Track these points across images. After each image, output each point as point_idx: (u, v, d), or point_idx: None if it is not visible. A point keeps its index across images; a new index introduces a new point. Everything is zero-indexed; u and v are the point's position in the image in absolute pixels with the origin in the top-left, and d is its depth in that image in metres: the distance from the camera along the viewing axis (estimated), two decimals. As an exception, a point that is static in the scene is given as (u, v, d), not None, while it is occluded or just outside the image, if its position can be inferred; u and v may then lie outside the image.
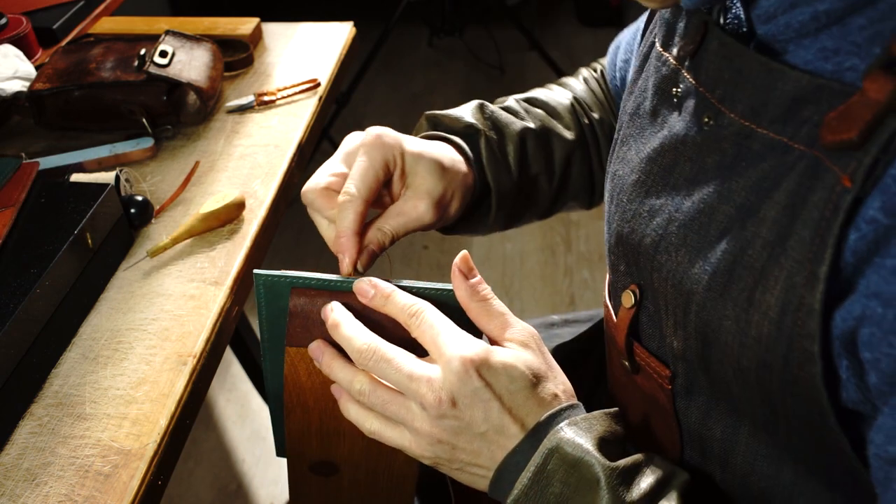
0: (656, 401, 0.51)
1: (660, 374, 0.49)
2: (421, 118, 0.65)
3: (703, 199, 0.43)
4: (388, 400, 0.46)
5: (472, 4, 2.56)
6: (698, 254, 0.43)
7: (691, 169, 0.44)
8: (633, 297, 0.50)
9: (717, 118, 0.42)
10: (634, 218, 0.49)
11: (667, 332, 0.47)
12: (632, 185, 0.49)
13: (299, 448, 0.57)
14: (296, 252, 2.00)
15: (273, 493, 1.43)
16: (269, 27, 1.09)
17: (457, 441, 0.45)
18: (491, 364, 0.44)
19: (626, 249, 0.50)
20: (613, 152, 0.55)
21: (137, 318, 0.64)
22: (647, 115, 0.50)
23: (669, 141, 0.46)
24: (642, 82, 0.52)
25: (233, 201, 0.73)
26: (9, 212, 0.64)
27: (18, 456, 0.54)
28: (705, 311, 0.42)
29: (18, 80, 0.87)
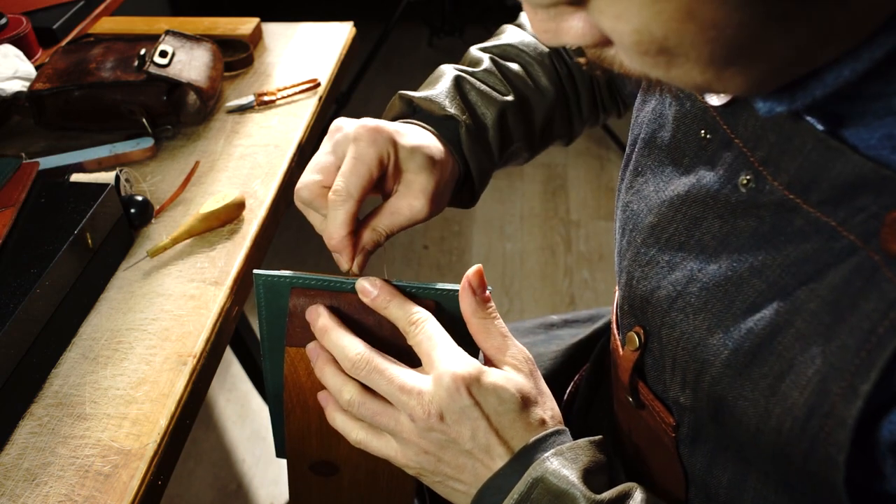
0: (660, 439, 0.49)
1: (664, 420, 0.47)
2: (394, 97, 0.61)
3: (731, 267, 0.40)
4: (378, 412, 0.46)
5: (472, 4, 2.56)
6: (719, 324, 0.40)
7: (721, 229, 0.41)
8: (638, 340, 0.48)
9: (757, 182, 0.39)
10: (649, 264, 0.46)
11: (672, 387, 0.45)
12: (649, 227, 0.46)
13: (299, 448, 0.57)
14: (296, 252, 2.00)
15: (273, 493, 1.43)
16: (269, 27, 1.09)
17: (442, 454, 0.45)
18: (482, 384, 0.44)
19: (633, 293, 0.48)
20: (625, 173, 0.52)
21: (137, 318, 0.64)
22: (665, 149, 0.46)
23: (698, 192, 0.43)
24: (657, 105, 0.48)
25: (233, 201, 0.73)
26: (9, 212, 0.64)
27: (18, 456, 0.54)
28: (720, 385, 0.40)
29: (18, 80, 0.87)
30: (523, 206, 2.11)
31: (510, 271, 1.90)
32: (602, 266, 1.88)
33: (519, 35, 0.66)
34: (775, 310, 0.37)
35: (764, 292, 0.38)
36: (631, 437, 0.55)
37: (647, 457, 0.53)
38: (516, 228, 2.04)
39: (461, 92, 0.60)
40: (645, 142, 0.49)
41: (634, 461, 0.55)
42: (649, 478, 0.54)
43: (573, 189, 2.15)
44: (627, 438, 0.56)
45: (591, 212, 2.07)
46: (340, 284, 0.50)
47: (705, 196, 0.42)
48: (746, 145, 0.40)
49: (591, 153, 2.27)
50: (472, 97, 0.61)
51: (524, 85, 0.63)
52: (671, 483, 0.50)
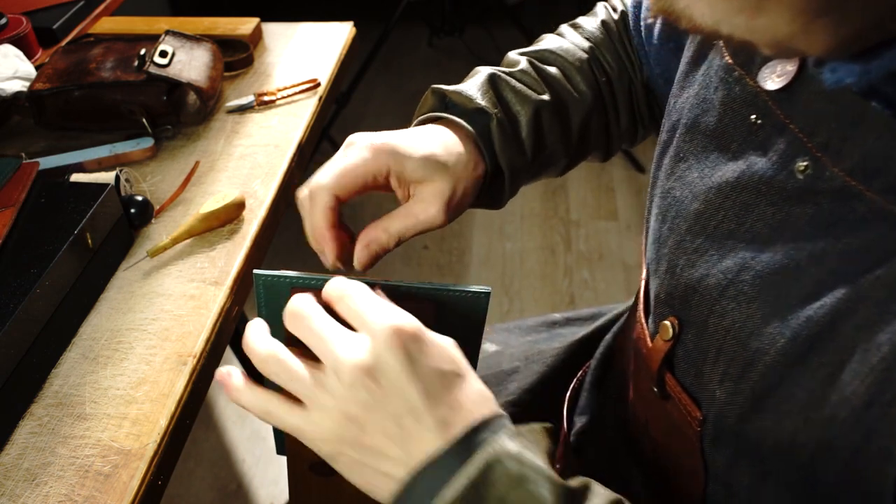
0: (683, 432, 0.48)
1: (690, 413, 0.46)
2: (427, 92, 0.60)
3: (788, 255, 0.39)
4: (296, 369, 0.41)
5: (472, 4, 2.56)
6: (775, 313, 0.39)
7: (774, 216, 0.40)
8: (672, 331, 0.46)
9: (815, 167, 0.38)
10: (696, 252, 0.44)
11: (709, 379, 0.44)
12: (694, 214, 0.45)
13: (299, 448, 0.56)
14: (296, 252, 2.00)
15: (273, 493, 1.43)
16: (269, 27, 1.09)
17: (367, 419, 0.39)
18: (423, 340, 0.39)
19: (676, 280, 0.46)
20: (662, 160, 0.50)
21: (137, 318, 0.64)
22: (711, 134, 0.45)
23: (749, 179, 0.41)
24: (701, 90, 0.47)
25: (233, 201, 0.73)
26: (9, 212, 0.64)
27: (18, 456, 0.54)
28: (774, 375, 0.39)
29: (18, 80, 0.87)
30: (523, 206, 2.11)
31: (510, 271, 1.90)
32: (602, 266, 1.88)
33: (557, 41, 0.66)
34: (837, 298, 0.36)
35: (823, 280, 0.37)
36: (648, 430, 0.54)
37: (666, 449, 0.52)
38: (516, 228, 2.03)
39: (495, 87, 0.59)
40: (687, 127, 0.48)
41: (652, 454, 0.55)
42: (668, 471, 0.53)
43: (573, 189, 2.15)
44: (644, 431, 0.55)
45: (591, 212, 2.07)
46: (340, 284, 0.50)
47: (757, 183, 0.41)
48: (803, 131, 0.38)
49: (591, 153, 2.27)
50: (506, 93, 0.59)
51: (561, 87, 0.62)
52: (690, 476, 0.49)
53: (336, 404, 0.39)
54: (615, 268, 1.88)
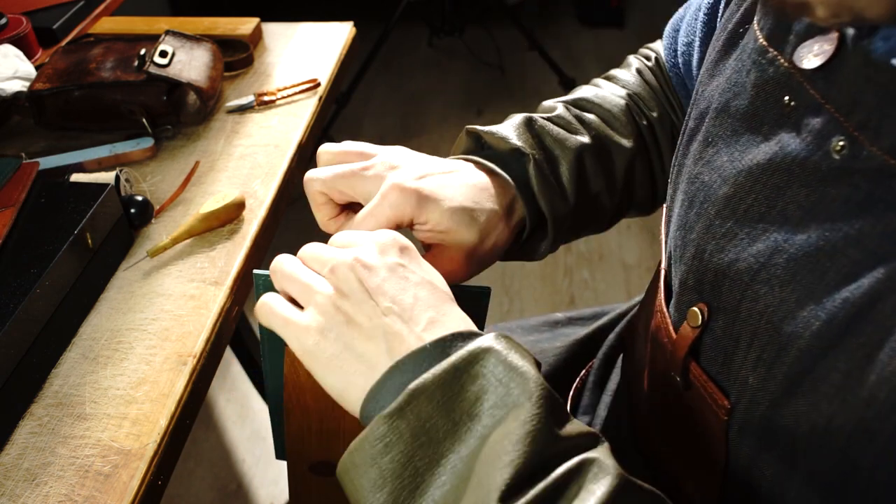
0: (705, 422, 0.47)
1: (717, 401, 0.45)
2: (462, 133, 0.59)
3: (823, 237, 0.38)
4: (298, 273, 0.46)
5: (472, 4, 2.56)
6: (811, 296, 0.38)
7: (807, 197, 0.39)
8: (701, 317, 0.46)
9: (851, 147, 0.37)
10: (725, 236, 0.44)
11: (741, 365, 0.43)
12: (724, 198, 0.44)
13: (299, 448, 0.57)
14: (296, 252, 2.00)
15: (273, 493, 1.43)
16: (269, 27, 1.10)
17: (354, 310, 0.42)
18: (415, 255, 0.44)
19: (703, 266, 0.45)
20: (689, 147, 0.50)
21: (137, 318, 0.64)
22: (742, 117, 0.44)
23: (781, 160, 0.41)
24: (733, 74, 0.46)
25: (233, 201, 0.73)
26: (9, 212, 0.64)
27: (18, 456, 0.54)
28: (809, 358, 0.38)
29: (18, 80, 0.87)
30: (523, 206, 2.11)
31: (510, 271, 1.90)
32: (602, 266, 1.88)
33: (593, 90, 0.65)
34: (876, 278, 0.35)
35: (861, 261, 0.36)
36: (662, 426, 0.53)
37: (680, 445, 0.51)
38: (516, 228, 2.03)
39: (531, 129, 0.58)
40: (717, 111, 0.47)
41: (663, 451, 0.54)
42: (680, 468, 0.52)
43: (573, 189, 2.15)
44: (656, 427, 0.54)
45: (591, 212, 2.07)
46: (340, 284, 0.50)
47: (790, 164, 0.40)
48: (839, 110, 0.38)
49: (591, 153, 2.27)
50: (544, 135, 0.58)
51: (602, 132, 0.61)
52: (706, 472, 0.48)
53: (327, 296, 0.42)
54: (615, 268, 1.88)
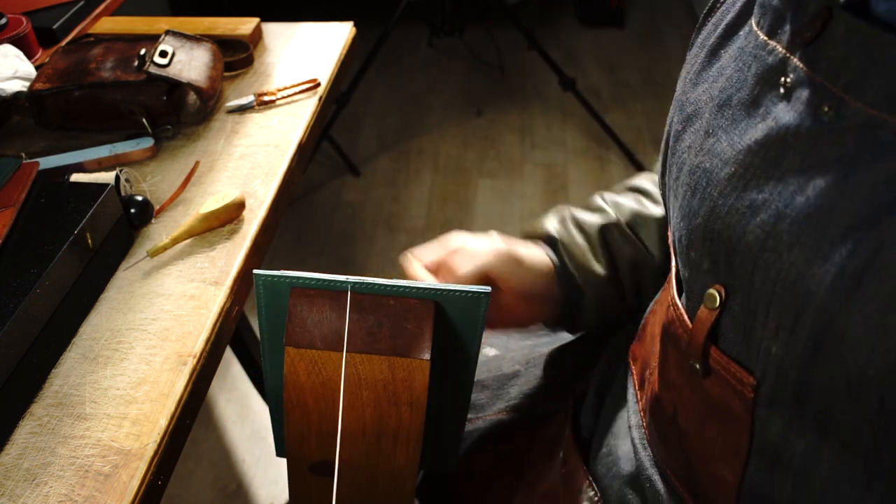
0: (727, 407, 0.48)
1: (741, 380, 0.46)
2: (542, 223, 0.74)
3: (820, 195, 0.39)
4: None
5: (472, 4, 2.56)
6: (817, 253, 0.39)
7: (803, 162, 0.41)
8: (719, 298, 0.47)
9: (838, 108, 0.39)
10: (729, 214, 0.45)
11: (762, 336, 0.44)
12: (726, 178, 0.46)
13: (299, 448, 0.57)
14: (296, 252, 2.00)
15: (273, 493, 1.43)
16: (269, 27, 1.10)
17: None
18: None
19: (715, 247, 0.47)
20: (678, 145, 0.52)
21: (137, 318, 0.64)
22: (742, 107, 0.46)
23: (776, 132, 0.43)
24: (734, 73, 0.48)
25: (233, 201, 0.73)
26: (9, 212, 0.64)
27: (18, 456, 0.54)
28: (826, 313, 0.39)
29: (18, 80, 0.87)
30: (523, 206, 2.11)
31: (510, 271, 1.89)
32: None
33: None
34: (874, 225, 0.37)
35: (860, 212, 0.38)
36: (677, 420, 0.54)
37: (699, 436, 0.52)
38: (516, 228, 2.04)
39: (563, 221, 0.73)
40: (718, 106, 0.49)
41: (678, 447, 0.54)
42: (698, 460, 0.52)
43: (573, 189, 2.15)
44: (670, 423, 0.55)
45: (591, 212, 2.07)
46: (340, 284, 0.50)
47: (784, 135, 0.42)
48: (827, 78, 0.40)
49: (591, 153, 2.27)
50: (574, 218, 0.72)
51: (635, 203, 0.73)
52: (729, 459, 0.49)
53: None
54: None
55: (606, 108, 2.43)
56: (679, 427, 0.53)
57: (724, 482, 0.49)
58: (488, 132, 2.41)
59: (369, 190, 2.20)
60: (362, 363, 0.51)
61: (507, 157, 2.29)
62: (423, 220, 2.07)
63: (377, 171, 2.27)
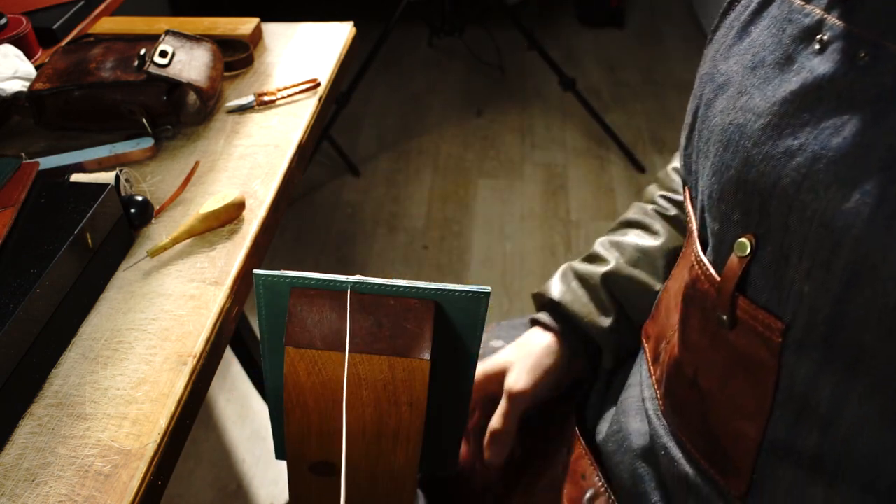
0: (753, 357, 0.49)
1: (769, 326, 0.47)
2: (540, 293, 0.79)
3: (857, 133, 0.41)
4: None
5: (472, 4, 2.56)
6: (854, 187, 0.41)
7: (839, 105, 0.42)
8: (750, 246, 0.48)
9: (875, 53, 0.41)
10: (764, 161, 0.46)
11: (793, 279, 0.45)
12: (760, 129, 0.47)
13: (299, 449, 0.57)
14: (296, 252, 2.00)
15: (273, 493, 1.43)
16: (269, 27, 1.10)
17: None
18: None
19: (747, 196, 0.48)
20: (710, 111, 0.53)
21: (137, 318, 0.64)
22: (775, 65, 0.48)
23: (811, 82, 0.44)
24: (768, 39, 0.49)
25: (233, 201, 0.73)
26: (9, 212, 0.64)
27: (18, 456, 0.54)
28: (863, 245, 0.40)
29: (18, 80, 0.87)
30: (523, 206, 2.11)
31: (510, 271, 1.90)
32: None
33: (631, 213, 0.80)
34: None
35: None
36: (697, 383, 0.54)
37: (719, 394, 0.53)
38: (516, 228, 2.04)
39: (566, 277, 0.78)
40: (751, 68, 0.50)
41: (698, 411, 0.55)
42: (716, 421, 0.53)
43: (573, 189, 2.15)
44: (689, 387, 0.55)
45: (591, 212, 2.07)
46: (340, 284, 0.50)
47: (819, 82, 0.43)
48: (865, 28, 0.41)
49: (591, 153, 2.27)
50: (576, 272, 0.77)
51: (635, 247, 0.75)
52: (750, 415, 0.50)
53: None
54: (615, 268, 1.88)
55: (606, 108, 2.43)
56: (699, 389, 0.54)
57: (744, 439, 0.50)
58: (488, 132, 2.41)
59: (369, 190, 2.20)
60: (362, 363, 0.51)
61: (507, 157, 2.29)
62: (423, 220, 2.07)
63: (377, 171, 2.27)
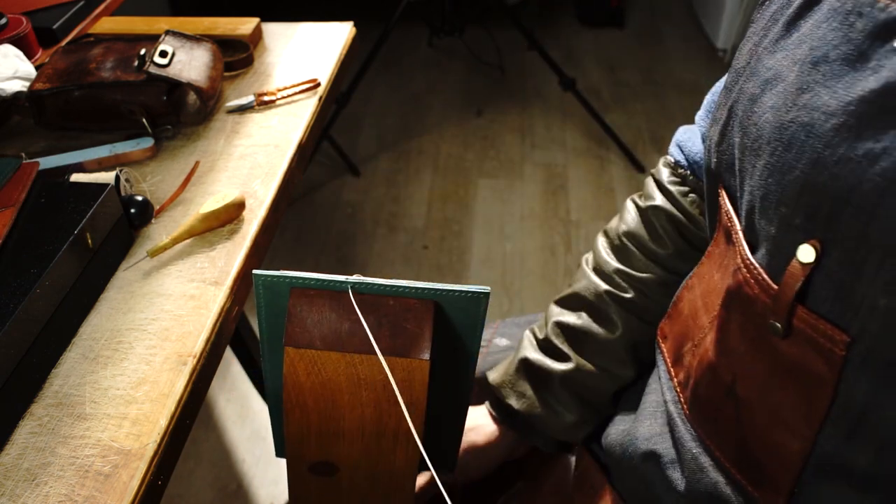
0: (807, 369, 0.46)
1: (832, 338, 0.44)
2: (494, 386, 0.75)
3: None
4: None
5: (472, 4, 2.56)
6: None
7: None
8: (815, 253, 0.44)
9: None
10: (839, 164, 0.43)
11: (866, 292, 0.43)
12: (833, 129, 0.44)
13: (298, 448, 0.57)
14: (296, 252, 2.00)
15: (273, 493, 1.43)
16: (269, 27, 1.10)
17: None
18: None
19: (815, 199, 0.45)
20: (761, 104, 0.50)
21: (137, 318, 0.64)
22: (844, 61, 0.45)
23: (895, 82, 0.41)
24: (829, 32, 0.47)
25: (233, 201, 0.73)
26: (9, 212, 0.64)
27: (18, 456, 0.54)
28: None
29: (18, 80, 0.87)
30: (523, 206, 2.11)
31: (510, 271, 1.90)
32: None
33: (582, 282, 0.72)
34: None
35: None
36: (735, 390, 0.52)
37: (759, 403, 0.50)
38: (516, 228, 2.04)
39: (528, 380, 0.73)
40: (812, 63, 0.47)
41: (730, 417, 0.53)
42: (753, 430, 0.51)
43: (573, 189, 2.15)
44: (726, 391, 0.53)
45: (591, 212, 2.07)
46: (339, 284, 0.50)
47: None
48: None
49: (591, 153, 2.27)
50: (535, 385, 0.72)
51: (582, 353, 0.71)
52: (795, 427, 0.47)
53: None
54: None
55: (606, 108, 2.43)
56: (736, 396, 0.52)
57: (786, 452, 0.48)
58: (488, 132, 2.41)
59: (369, 190, 2.20)
60: (362, 363, 0.51)
61: (507, 157, 2.29)
62: (423, 219, 2.07)
63: (377, 171, 2.27)
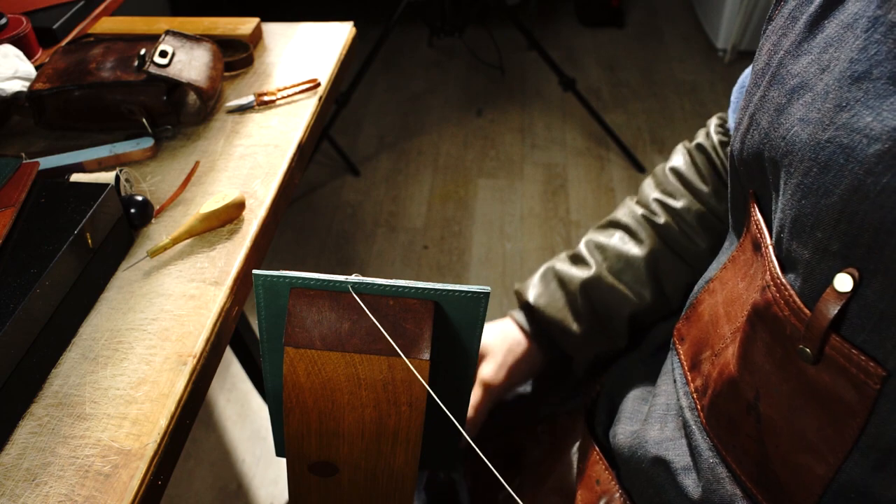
0: (837, 397, 0.45)
1: (866, 370, 0.43)
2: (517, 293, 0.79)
3: None
4: None
5: (472, 4, 2.56)
6: None
7: None
8: (853, 282, 0.43)
9: None
10: (884, 192, 0.41)
11: None
12: (876, 155, 0.42)
13: (298, 449, 0.57)
14: (296, 252, 2.00)
15: (273, 493, 1.43)
16: (269, 27, 1.10)
17: None
18: None
19: (855, 228, 0.43)
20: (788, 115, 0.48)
21: (137, 318, 0.64)
22: (891, 80, 0.43)
23: None
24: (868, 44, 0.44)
25: (233, 201, 0.73)
26: (9, 212, 0.64)
27: (18, 456, 0.54)
28: None
29: (18, 80, 0.87)
30: (523, 206, 2.11)
31: (510, 271, 1.90)
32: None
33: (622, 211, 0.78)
34: None
35: None
36: (757, 406, 0.50)
37: (783, 424, 0.49)
38: (516, 228, 2.04)
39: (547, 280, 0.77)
40: (852, 79, 0.45)
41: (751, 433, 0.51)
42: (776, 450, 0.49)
43: (573, 189, 2.15)
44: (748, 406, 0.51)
45: (591, 212, 2.07)
46: (339, 284, 0.50)
47: None
48: None
49: (591, 153, 2.27)
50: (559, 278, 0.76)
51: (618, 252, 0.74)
52: (820, 452, 0.46)
53: None
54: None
55: (606, 108, 2.43)
56: (758, 414, 0.50)
57: (809, 475, 0.47)
58: (488, 132, 2.41)
59: (369, 190, 2.20)
60: (362, 363, 0.51)
61: (507, 156, 2.29)
62: (423, 219, 2.07)
63: (377, 171, 2.27)
